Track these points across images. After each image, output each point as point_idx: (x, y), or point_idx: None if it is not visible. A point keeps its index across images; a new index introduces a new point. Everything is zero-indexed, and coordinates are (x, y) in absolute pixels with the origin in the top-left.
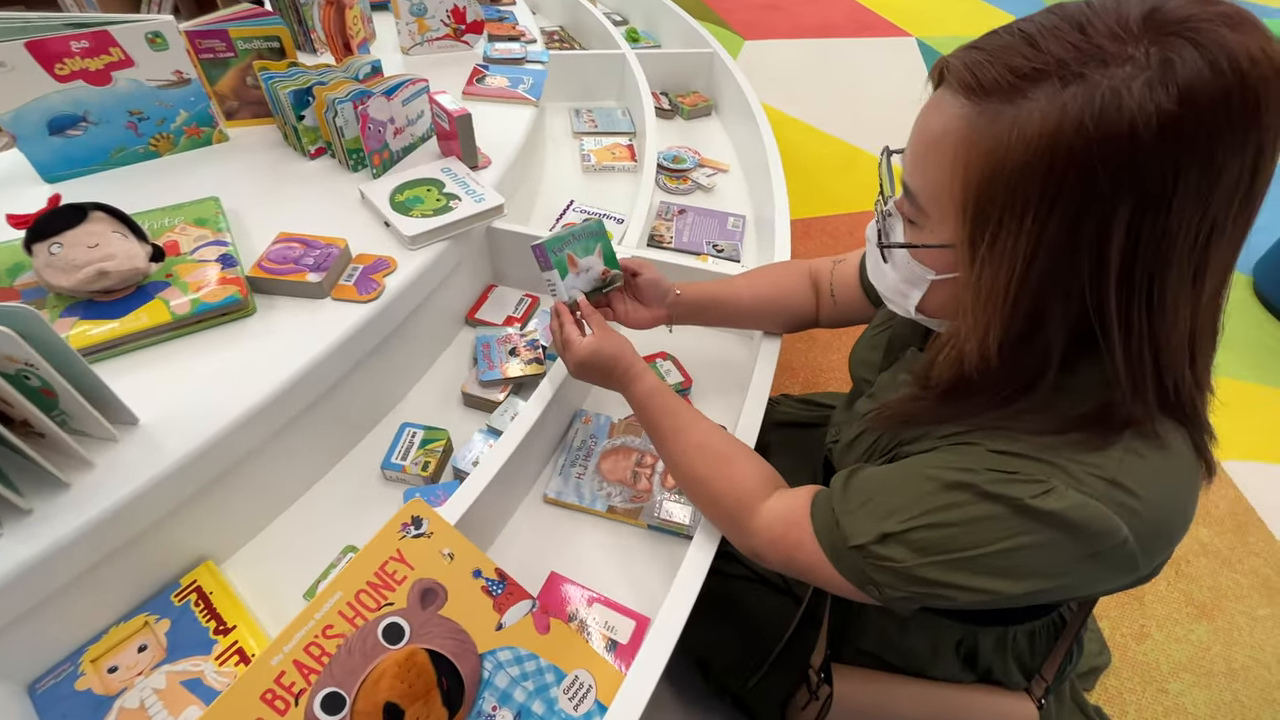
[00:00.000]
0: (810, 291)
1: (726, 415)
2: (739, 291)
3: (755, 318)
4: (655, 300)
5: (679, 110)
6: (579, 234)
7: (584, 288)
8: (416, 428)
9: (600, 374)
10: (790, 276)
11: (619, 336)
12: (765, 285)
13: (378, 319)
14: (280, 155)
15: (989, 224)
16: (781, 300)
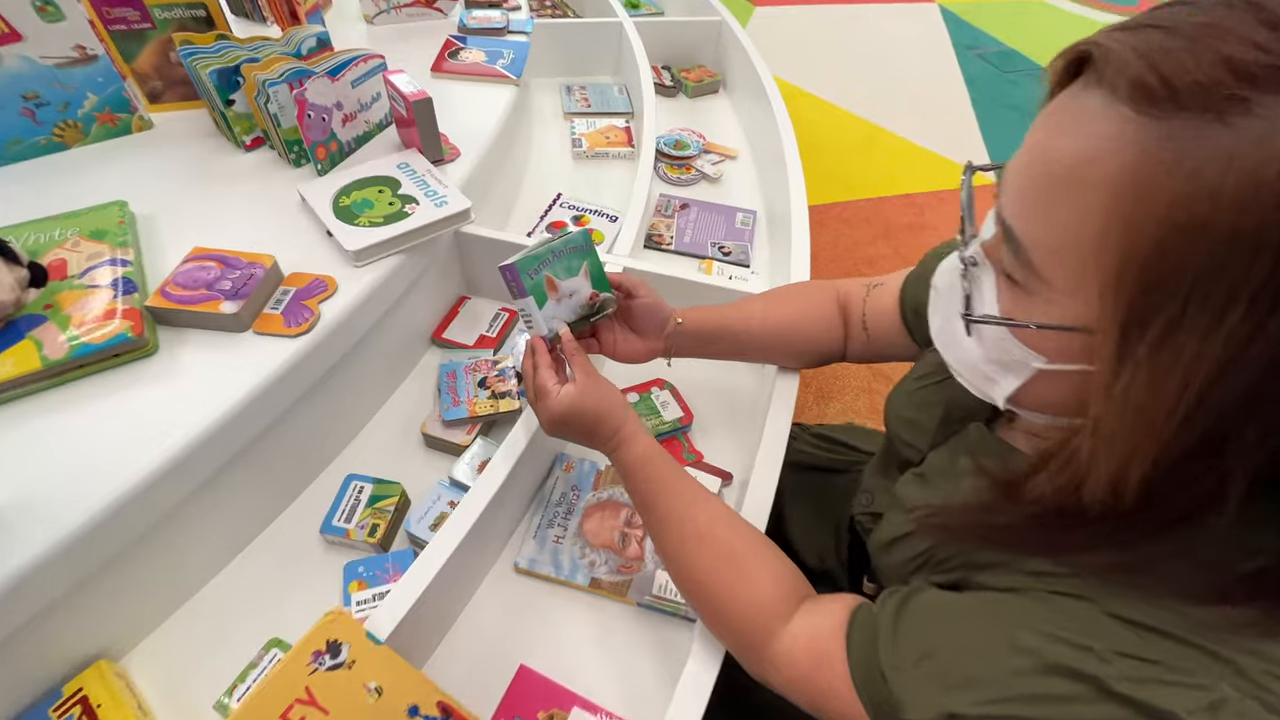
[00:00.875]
0: (837, 321)
1: (734, 458)
2: (751, 320)
3: (769, 351)
4: (652, 329)
5: (682, 87)
6: (560, 249)
7: (567, 317)
8: (364, 480)
9: (581, 432)
10: (813, 303)
11: (606, 385)
12: (783, 313)
13: (312, 356)
14: (212, 147)
15: (1161, 311)
16: (802, 331)
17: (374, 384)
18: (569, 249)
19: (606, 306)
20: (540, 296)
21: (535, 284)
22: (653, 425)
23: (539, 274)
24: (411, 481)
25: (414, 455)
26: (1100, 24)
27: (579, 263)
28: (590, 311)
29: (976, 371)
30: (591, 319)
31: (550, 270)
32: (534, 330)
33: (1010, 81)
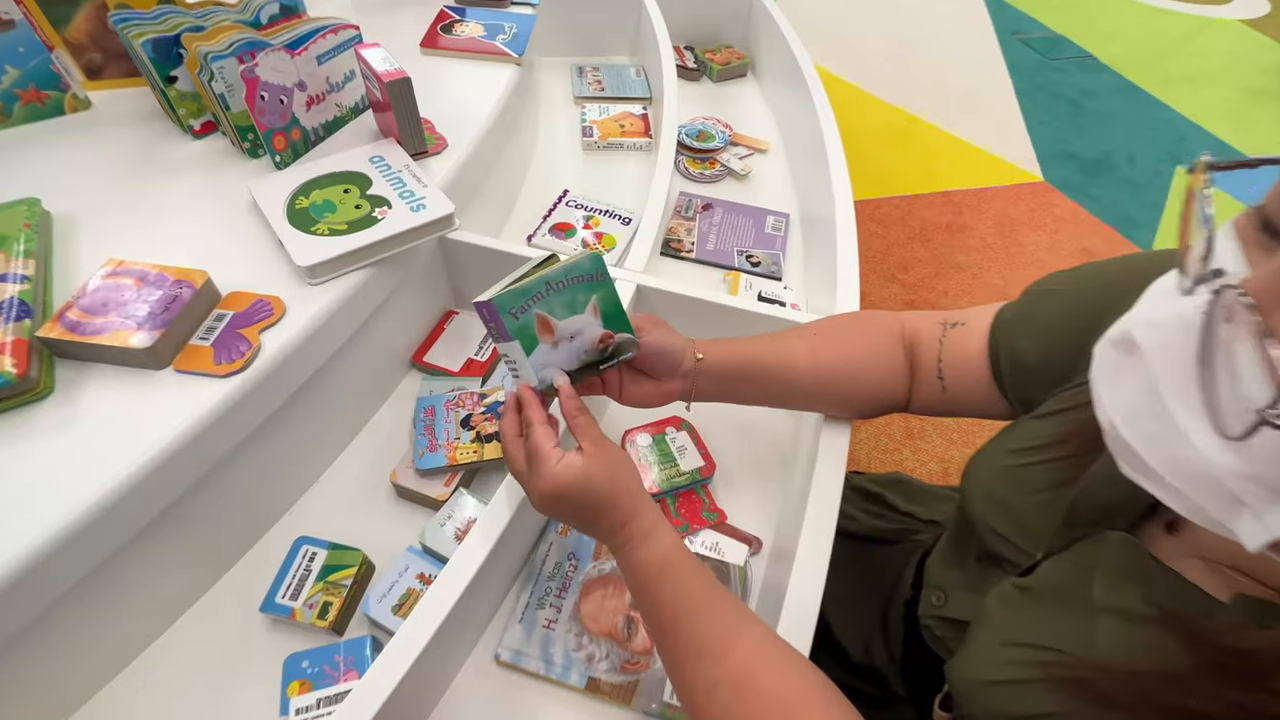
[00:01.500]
0: (901, 365)
1: (764, 518)
2: (794, 359)
3: (814, 397)
4: (665, 368)
5: (707, 70)
6: (559, 280)
7: (566, 364)
8: (318, 545)
9: (582, 515)
10: (873, 341)
11: (620, 456)
12: (835, 351)
13: (248, 400)
14: (156, 133)
15: None
16: (858, 376)
17: (336, 422)
18: (572, 279)
19: (624, 350)
20: (529, 340)
21: (523, 325)
22: (666, 476)
23: (528, 311)
24: (376, 542)
25: (381, 508)
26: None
27: (586, 296)
28: (600, 358)
29: (1215, 491)
30: (602, 366)
31: (544, 306)
32: (521, 380)
33: (1057, 69)
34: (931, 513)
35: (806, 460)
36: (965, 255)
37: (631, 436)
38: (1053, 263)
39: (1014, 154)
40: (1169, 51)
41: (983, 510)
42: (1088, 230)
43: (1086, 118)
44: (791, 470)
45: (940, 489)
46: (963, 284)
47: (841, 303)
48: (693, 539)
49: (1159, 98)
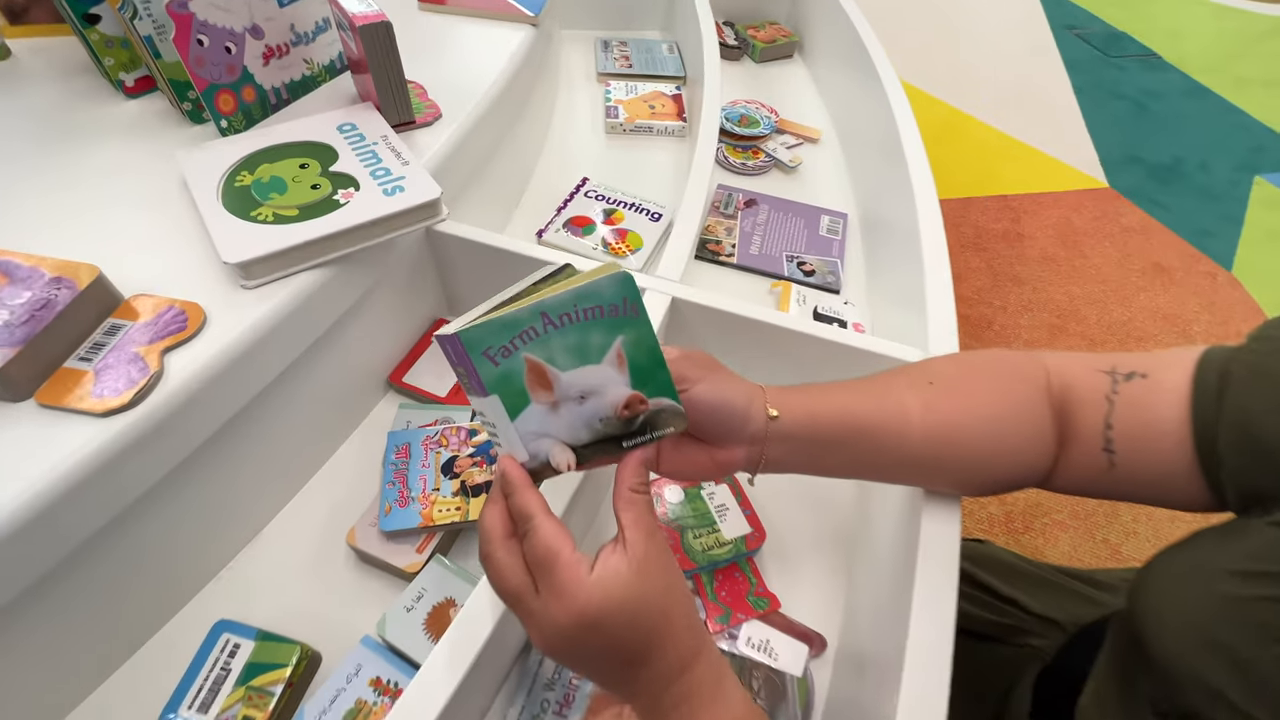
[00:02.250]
0: (1049, 429)
1: (826, 607)
2: (904, 419)
3: (925, 471)
4: (724, 431)
5: (749, 48)
6: (562, 308)
7: (573, 437)
8: (242, 634)
9: (618, 658)
10: (1012, 396)
11: (669, 553)
12: (958, 408)
13: (141, 446)
14: (82, 89)
15: None
16: (989, 446)
17: (280, 462)
18: (584, 311)
19: (662, 424)
20: (516, 397)
21: (505, 373)
22: (703, 546)
23: (514, 354)
24: (324, 624)
25: (334, 578)
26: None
27: (605, 338)
28: (624, 430)
29: None
30: (628, 444)
31: (540, 349)
32: (506, 450)
33: (1117, 67)
34: (1045, 606)
35: (894, 535)
36: (1024, 267)
37: (656, 490)
38: (1123, 278)
39: (1074, 156)
40: (1240, 52)
41: (1193, 659)
42: (1160, 243)
43: (1152, 120)
44: (864, 543)
45: (1048, 571)
46: (1022, 299)
47: (935, 337)
48: (734, 635)
49: (1232, 101)
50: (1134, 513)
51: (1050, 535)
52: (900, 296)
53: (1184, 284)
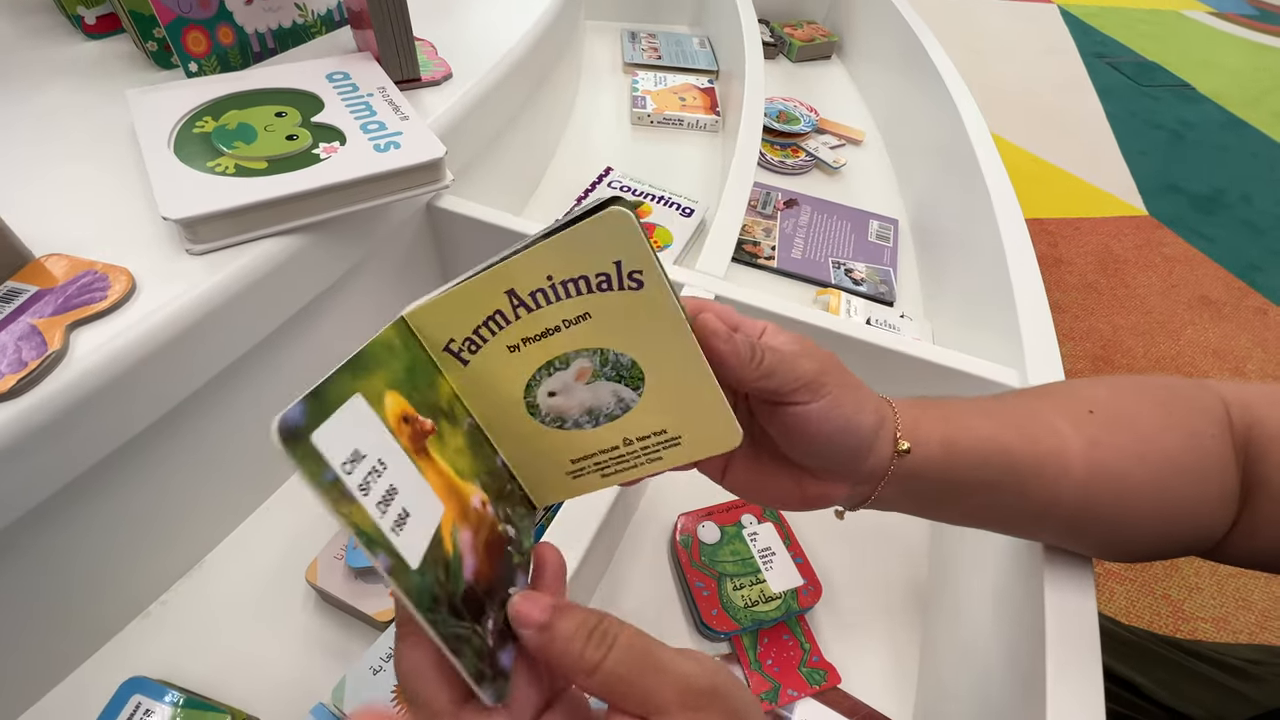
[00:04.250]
0: (1231, 479)
1: (896, 691)
2: (1063, 455)
3: (1072, 527)
4: (836, 464)
5: (786, 47)
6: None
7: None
8: (159, 696)
9: None
10: (1192, 436)
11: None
12: (1128, 449)
13: (28, 445)
14: (38, 26)
15: None
16: (1160, 497)
17: (228, 478)
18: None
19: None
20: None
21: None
22: (745, 601)
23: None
24: (271, 684)
25: (288, 621)
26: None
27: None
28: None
29: None
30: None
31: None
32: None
33: (1151, 97)
34: (1174, 695)
35: (995, 597)
36: (1064, 294)
37: (687, 527)
38: (1169, 309)
39: (1111, 183)
40: (1274, 88)
41: None
42: (1205, 274)
43: (1189, 149)
44: (944, 603)
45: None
46: (1063, 327)
47: (1034, 364)
48: (783, 717)
49: (1271, 135)
50: (1196, 566)
51: (1103, 588)
52: (972, 314)
53: (1233, 319)
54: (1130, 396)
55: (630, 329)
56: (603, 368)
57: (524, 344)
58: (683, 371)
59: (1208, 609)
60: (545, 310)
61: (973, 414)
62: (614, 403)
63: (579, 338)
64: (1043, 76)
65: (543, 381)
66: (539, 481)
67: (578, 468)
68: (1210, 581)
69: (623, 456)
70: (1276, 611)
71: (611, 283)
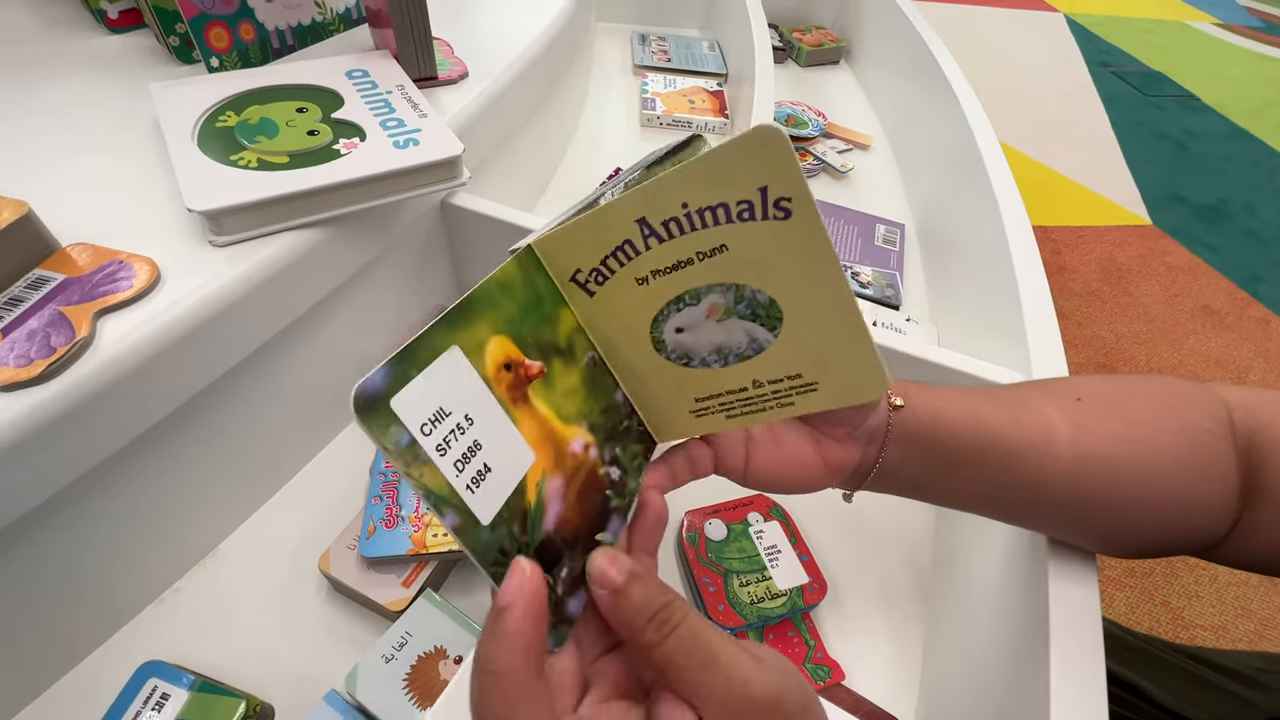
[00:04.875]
0: (1232, 477)
1: (901, 690)
2: (1050, 440)
3: (1066, 512)
4: (849, 413)
5: (794, 52)
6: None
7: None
8: (176, 680)
9: None
10: (1187, 429)
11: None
12: (1117, 436)
13: (53, 433)
14: (59, 18)
15: None
16: (1154, 487)
17: (243, 467)
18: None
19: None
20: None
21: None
22: (751, 598)
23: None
24: (284, 670)
25: (301, 609)
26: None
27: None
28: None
29: None
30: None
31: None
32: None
33: (1157, 107)
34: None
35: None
36: (1067, 301)
37: (694, 524)
38: (1171, 318)
39: (1115, 192)
40: (1278, 99)
41: None
42: (1208, 284)
43: (1194, 160)
44: (948, 601)
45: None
46: (1066, 334)
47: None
48: None
49: (1274, 146)
50: (1196, 574)
51: (1104, 594)
52: (977, 318)
53: (1235, 329)
54: (1125, 389)
55: (771, 264)
56: (736, 305)
57: (653, 277)
58: (828, 312)
59: (1207, 617)
60: (678, 241)
61: (958, 393)
62: (746, 342)
63: (713, 272)
64: (1048, 85)
65: (671, 317)
66: (661, 417)
67: (702, 406)
68: (1210, 590)
69: (750, 399)
70: (1276, 620)
71: (754, 211)
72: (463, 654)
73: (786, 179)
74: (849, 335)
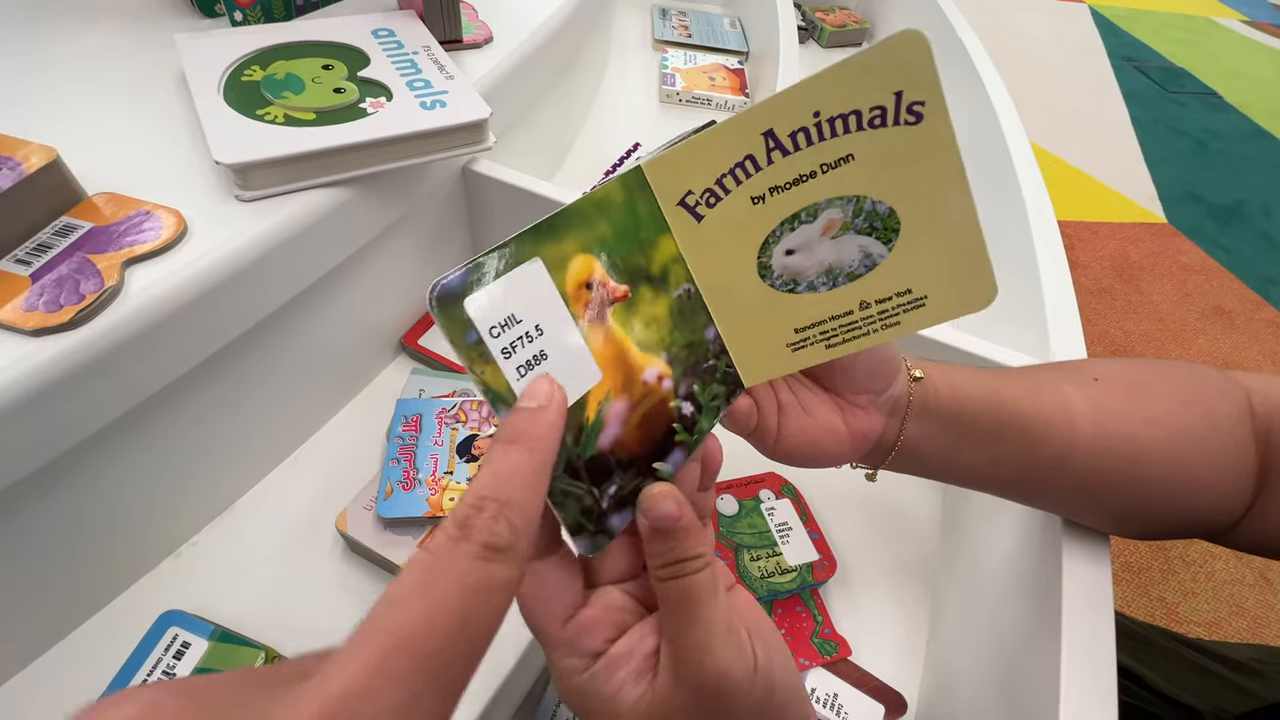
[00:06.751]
0: (1250, 461)
1: (905, 669)
2: (1069, 416)
3: (1084, 491)
4: (872, 379)
5: (817, 32)
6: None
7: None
8: (197, 630)
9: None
10: (1207, 412)
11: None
12: (1135, 415)
13: (82, 377)
14: None
15: None
16: (1171, 467)
17: (262, 424)
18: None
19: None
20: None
21: None
22: (762, 573)
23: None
24: (300, 623)
25: (317, 569)
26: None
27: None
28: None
29: None
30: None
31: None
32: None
33: (1178, 104)
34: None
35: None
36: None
37: None
38: (1182, 318)
39: (1131, 189)
40: None
41: None
42: (1220, 285)
43: (1213, 159)
44: (954, 580)
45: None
46: None
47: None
48: None
49: None
50: (1192, 570)
51: None
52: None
53: (1245, 330)
54: (1144, 371)
55: (898, 170)
56: (855, 219)
57: (770, 194)
58: (949, 218)
59: (1202, 613)
60: (803, 153)
61: (977, 371)
62: (859, 259)
63: (835, 184)
64: (1069, 77)
65: (783, 238)
66: (753, 355)
67: (801, 338)
68: (1205, 586)
69: (855, 323)
70: (1269, 618)
71: (886, 117)
72: None
73: (923, 83)
74: (968, 242)
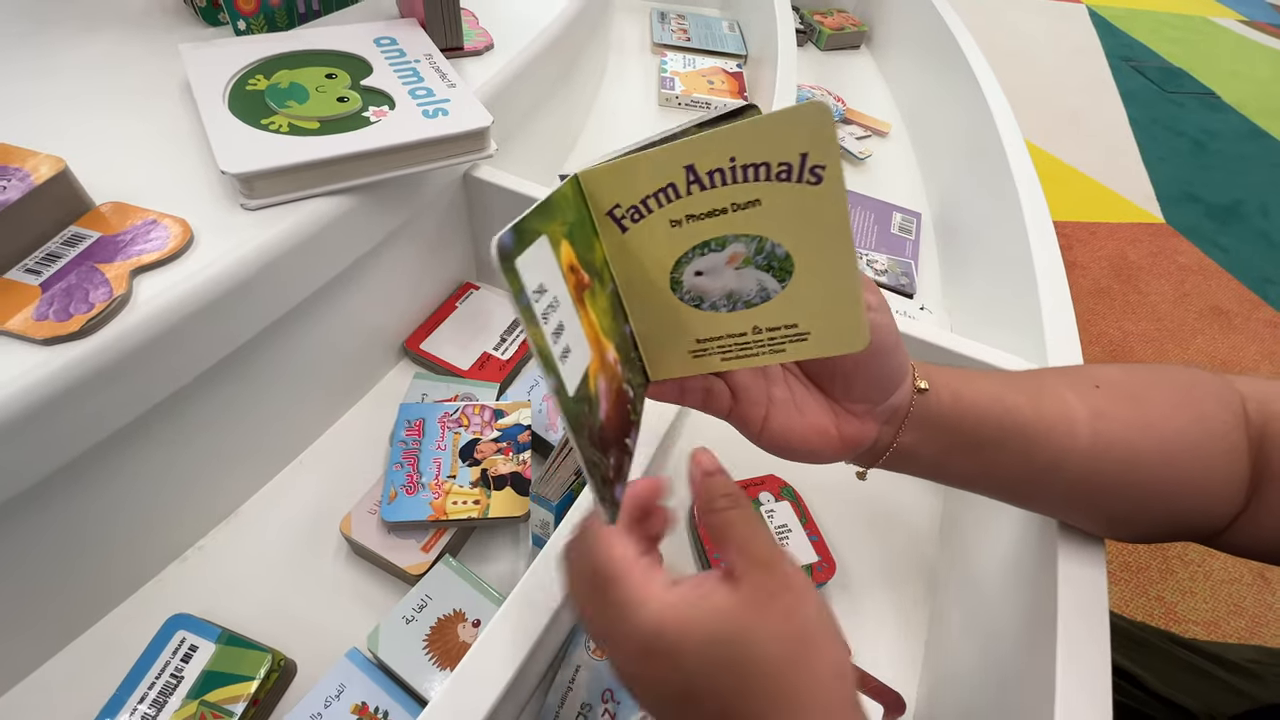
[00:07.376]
0: (1242, 465)
1: (905, 669)
2: (1070, 424)
3: (1080, 495)
4: (873, 386)
5: (815, 35)
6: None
7: None
8: (204, 633)
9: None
10: (1203, 418)
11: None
12: (1134, 422)
13: (88, 387)
14: None
15: None
16: (1167, 472)
17: (266, 429)
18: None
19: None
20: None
21: None
22: None
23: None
24: (306, 627)
25: (323, 571)
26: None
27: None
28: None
29: None
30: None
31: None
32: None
33: (1176, 104)
34: (1172, 687)
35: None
36: (1075, 297)
37: None
38: (1179, 318)
39: (1129, 189)
40: None
41: None
42: (1218, 285)
43: (1211, 159)
44: (952, 581)
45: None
46: None
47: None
48: None
49: None
50: (1190, 570)
51: None
52: (992, 309)
53: (1243, 330)
54: (1143, 377)
55: (795, 221)
56: (756, 255)
57: (687, 220)
58: (833, 270)
59: (1200, 613)
60: (718, 191)
61: (980, 377)
62: (755, 290)
63: (743, 222)
64: (1067, 77)
65: (694, 260)
66: (661, 355)
67: (701, 347)
68: (1204, 586)
69: (748, 344)
70: (1267, 617)
71: (792, 174)
72: (480, 618)
73: (825, 150)
74: (844, 292)
